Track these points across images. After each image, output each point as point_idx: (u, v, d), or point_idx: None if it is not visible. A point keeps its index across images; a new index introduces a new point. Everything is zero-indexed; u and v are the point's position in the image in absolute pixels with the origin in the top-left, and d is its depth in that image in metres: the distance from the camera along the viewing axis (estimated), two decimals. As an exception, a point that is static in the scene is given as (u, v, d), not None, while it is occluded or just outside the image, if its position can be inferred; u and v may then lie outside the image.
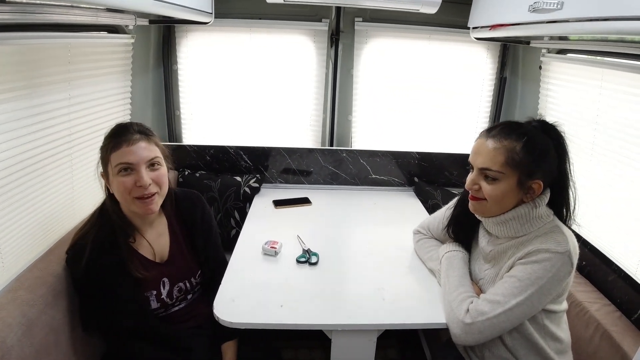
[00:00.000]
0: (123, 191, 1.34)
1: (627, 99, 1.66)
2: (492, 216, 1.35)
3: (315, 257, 1.72)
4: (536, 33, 1.77)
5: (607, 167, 1.77)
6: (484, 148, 1.28)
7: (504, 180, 1.26)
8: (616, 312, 1.53)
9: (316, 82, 2.64)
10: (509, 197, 1.28)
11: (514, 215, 1.30)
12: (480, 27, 2.10)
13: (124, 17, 1.87)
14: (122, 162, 1.32)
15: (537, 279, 1.21)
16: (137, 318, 1.41)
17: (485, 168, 1.27)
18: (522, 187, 1.26)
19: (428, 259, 1.67)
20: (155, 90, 2.57)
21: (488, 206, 1.32)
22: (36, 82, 1.48)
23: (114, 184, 1.34)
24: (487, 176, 1.28)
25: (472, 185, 1.32)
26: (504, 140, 1.25)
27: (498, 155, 1.25)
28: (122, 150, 1.32)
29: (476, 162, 1.30)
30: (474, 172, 1.32)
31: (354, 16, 2.50)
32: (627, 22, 1.06)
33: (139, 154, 1.33)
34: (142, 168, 1.34)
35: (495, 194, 1.27)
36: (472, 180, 1.32)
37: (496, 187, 1.27)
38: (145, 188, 1.34)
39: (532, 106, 2.38)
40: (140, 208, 1.37)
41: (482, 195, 1.30)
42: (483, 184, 1.29)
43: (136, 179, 1.33)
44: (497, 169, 1.25)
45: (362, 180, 2.61)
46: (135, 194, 1.34)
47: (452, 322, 1.31)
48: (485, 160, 1.27)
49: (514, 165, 1.24)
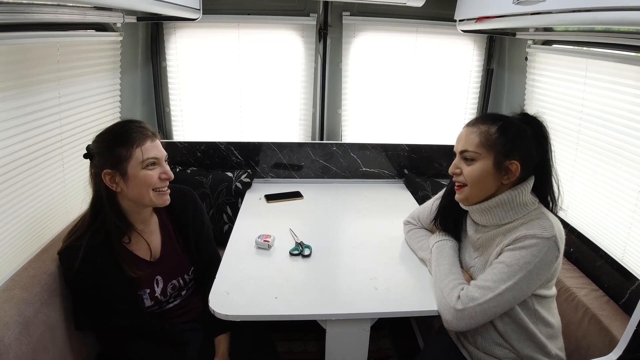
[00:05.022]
0: (148, 184, 1.39)
1: (611, 88, 1.69)
2: (476, 203, 1.40)
3: (308, 249, 1.74)
4: (521, 25, 1.80)
5: (593, 155, 1.80)
6: (463, 134, 1.39)
7: (480, 160, 1.33)
8: (604, 297, 1.57)
9: (305, 77, 2.65)
10: (488, 179, 1.34)
11: (497, 202, 1.35)
12: (466, 19, 2.12)
13: (111, 14, 1.86)
14: (151, 157, 1.39)
15: (525, 264, 1.24)
16: (131, 317, 1.43)
17: (463, 150, 1.37)
18: (499, 168, 1.32)
19: (419, 248, 1.70)
20: (145, 87, 2.56)
21: (470, 191, 1.37)
22: (26, 81, 1.48)
23: (140, 177, 1.37)
24: (466, 158, 1.36)
25: (454, 169, 1.40)
26: (480, 125, 1.35)
27: (474, 138, 1.34)
28: (148, 145, 1.39)
29: (457, 148, 1.40)
30: (456, 158, 1.41)
31: (342, 10, 2.50)
32: (609, 12, 1.09)
33: (161, 150, 1.44)
34: (164, 163, 1.44)
35: (473, 174, 1.34)
36: (454, 164, 1.41)
37: (474, 168, 1.34)
38: (170, 180, 1.46)
39: (519, 97, 2.41)
40: (158, 199, 1.44)
41: (462, 179, 1.38)
42: (463, 166, 1.37)
43: (161, 171, 1.42)
44: (473, 150, 1.34)
45: (353, 173, 2.63)
46: (156, 186, 1.41)
47: (444, 309, 1.34)
48: (464, 144, 1.36)
49: (489, 145, 1.32)
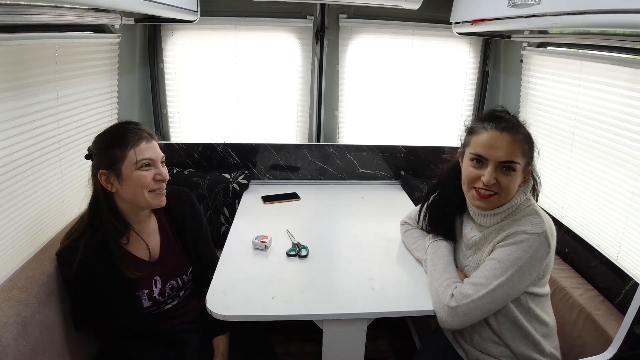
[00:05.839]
0: (142, 185, 1.39)
1: (605, 89, 1.70)
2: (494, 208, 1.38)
3: (305, 250, 1.75)
4: (516, 27, 1.82)
5: (587, 156, 1.82)
6: (502, 142, 1.30)
7: (518, 171, 1.31)
8: (599, 297, 1.58)
9: (302, 79, 2.66)
10: (517, 186, 1.34)
11: (511, 205, 1.36)
12: (462, 22, 2.14)
13: (109, 16, 1.87)
14: (146, 158, 1.39)
15: (517, 260, 1.26)
16: (129, 317, 1.43)
17: (509, 161, 1.29)
18: (522, 174, 1.34)
19: (415, 248, 1.71)
20: (142, 89, 2.57)
21: (500, 198, 1.34)
22: (24, 82, 1.48)
23: (134, 178, 1.38)
24: (506, 168, 1.30)
25: (493, 180, 1.31)
26: (517, 134, 1.31)
27: (518, 148, 1.30)
28: (143, 147, 1.39)
29: (495, 155, 1.30)
30: (491, 166, 1.31)
31: (339, 12, 2.52)
32: (602, 15, 1.11)
33: (157, 151, 1.44)
34: (159, 164, 1.43)
35: (513, 184, 1.32)
36: (492, 175, 1.30)
37: (513, 178, 1.31)
38: (165, 181, 1.46)
39: (514, 99, 2.42)
40: (154, 200, 1.44)
41: (496, 188, 1.32)
42: (500, 176, 1.31)
43: (156, 173, 1.42)
44: (517, 161, 1.30)
45: (350, 174, 2.64)
46: (151, 187, 1.41)
47: (439, 307, 1.35)
48: (507, 154, 1.29)
49: (525, 154, 1.31)
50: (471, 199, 1.40)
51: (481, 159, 1.33)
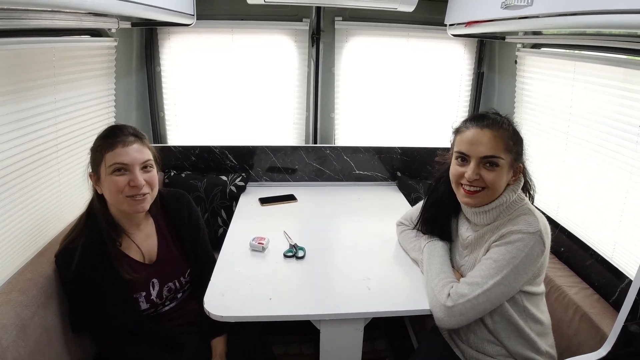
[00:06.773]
0: (115, 190, 1.37)
1: (599, 89, 1.72)
2: (482, 205, 1.40)
3: (302, 251, 1.75)
4: (509, 29, 1.83)
5: (581, 155, 1.83)
6: (483, 137, 1.34)
7: (502, 166, 1.33)
8: (594, 295, 1.59)
9: (298, 81, 2.67)
10: (504, 182, 1.36)
11: (500, 202, 1.37)
12: (456, 24, 2.15)
13: (106, 20, 1.88)
14: (117, 162, 1.36)
15: (512, 259, 1.27)
16: (127, 320, 1.43)
17: (489, 156, 1.32)
18: (510, 171, 1.35)
19: (411, 249, 1.72)
20: (139, 92, 2.57)
21: (487, 196, 1.37)
22: (22, 86, 1.49)
23: (106, 183, 1.37)
24: (489, 163, 1.33)
25: (475, 176, 1.34)
26: (500, 129, 1.33)
27: (499, 143, 1.32)
28: (117, 151, 1.36)
29: (477, 151, 1.34)
30: (474, 162, 1.35)
31: (334, 15, 2.53)
32: (594, 15, 1.12)
33: (133, 156, 1.38)
34: (136, 169, 1.38)
35: (496, 180, 1.33)
36: (474, 171, 1.34)
37: (497, 174, 1.33)
38: (139, 188, 1.39)
39: (509, 100, 2.44)
40: (131, 206, 1.40)
41: (481, 184, 1.35)
42: (483, 172, 1.34)
43: (130, 179, 1.37)
44: (499, 155, 1.32)
45: (346, 176, 2.65)
46: (127, 193, 1.38)
47: (435, 307, 1.36)
48: (488, 149, 1.32)
49: (509, 150, 1.33)
50: (460, 196, 1.43)
51: (464, 156, 1.37)
